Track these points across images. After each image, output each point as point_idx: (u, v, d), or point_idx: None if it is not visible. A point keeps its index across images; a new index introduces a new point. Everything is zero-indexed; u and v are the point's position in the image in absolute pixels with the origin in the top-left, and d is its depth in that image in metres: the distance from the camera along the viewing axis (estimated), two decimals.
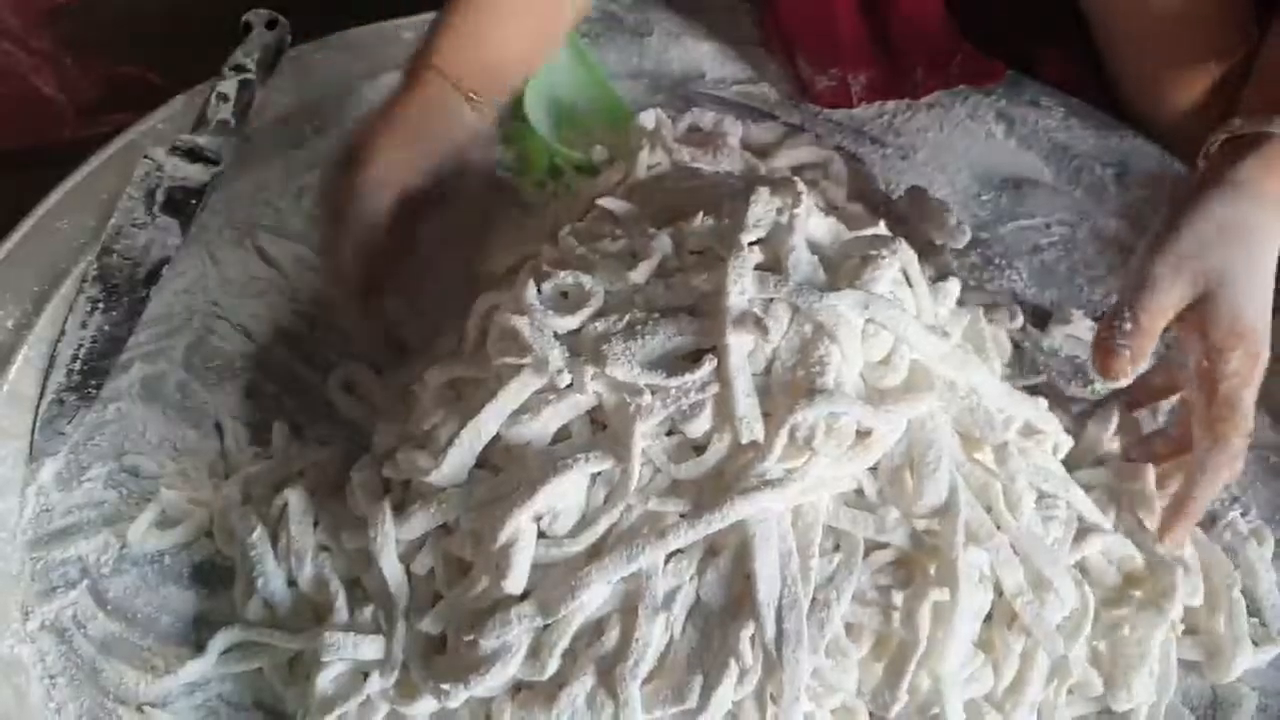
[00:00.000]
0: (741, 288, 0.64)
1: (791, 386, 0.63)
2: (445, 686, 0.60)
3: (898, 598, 0.63)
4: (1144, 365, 0.69)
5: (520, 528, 0.61)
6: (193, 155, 0.84)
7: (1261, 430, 0.77)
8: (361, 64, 0.90)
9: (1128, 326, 0.68)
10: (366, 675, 0.63)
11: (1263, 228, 0.71)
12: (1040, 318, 0.83)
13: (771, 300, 0.64)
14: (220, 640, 0.66)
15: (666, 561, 0.61)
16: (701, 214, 0.69)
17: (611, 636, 0.61)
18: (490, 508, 0.62)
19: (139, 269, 0.79)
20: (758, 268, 0.65)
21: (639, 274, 0.67)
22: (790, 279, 0.64)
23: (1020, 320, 0.81)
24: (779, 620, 0.60)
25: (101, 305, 0.78)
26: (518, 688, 0.62)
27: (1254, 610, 0.71)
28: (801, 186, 0.69)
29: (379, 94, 0.82)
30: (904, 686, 0.61)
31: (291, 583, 0.67)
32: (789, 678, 0.59)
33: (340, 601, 0.65)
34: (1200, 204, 0.72)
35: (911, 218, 0.86)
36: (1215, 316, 0.69)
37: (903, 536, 0.63)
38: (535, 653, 0.61)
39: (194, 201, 0.82)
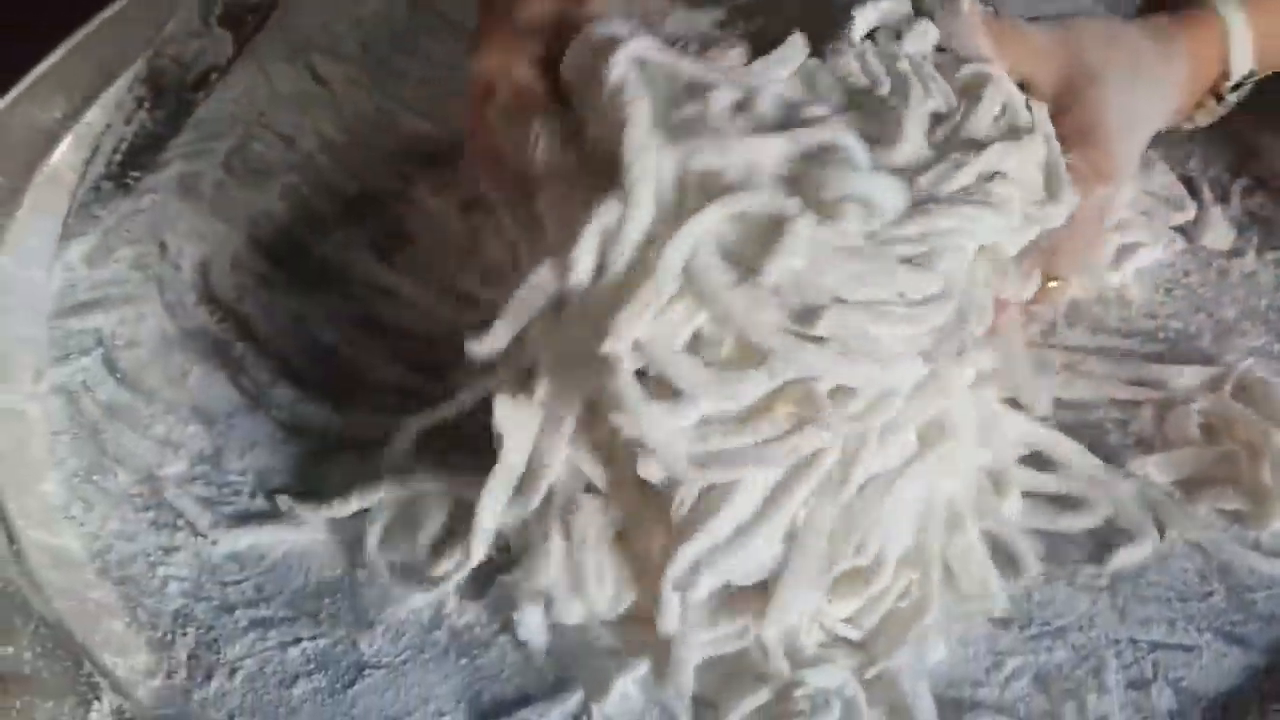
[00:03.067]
0: None
1: None
2: None
3: None
4: None
5: None
6: None
7: None
8: None
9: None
10: None
11: (1154, 60, 0.66)
12: None
13: None
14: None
15: None
16: None
17: None
18: None
19: (188, 73, 0.80)
20: None
21: None
22: None
23: None
24: None
25: (149, 104, 0.79)
26: None
27: None
28: None
29: None
30: None
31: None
32: None
33: None
34: (1097, 18, 0.67)
35: None
36: (1073, 107, 0.63)
37: None
38: None
39: (249, 17, 0.83)
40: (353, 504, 0.63)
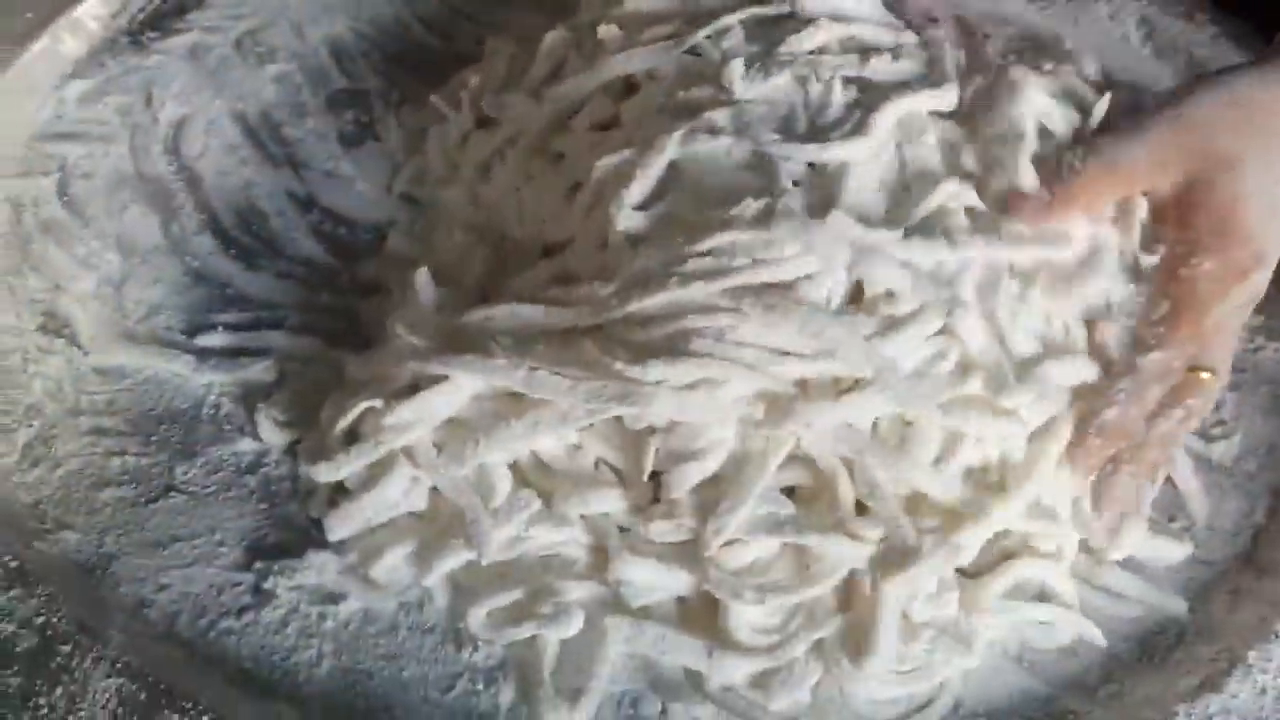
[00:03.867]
0: None
1: None
2: None
3: None
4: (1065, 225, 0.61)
5: None
6: None
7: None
8: None
9: (1073, 166, 0.60)
10: None
11: None
12: None
13: None
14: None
15: None
16: None
17: None
18: None
19: None
20: None
21: None
22: None
23: None
24: None
25: None
26: None
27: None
28: None
29: None
30: None
31: None
32: None
33: None
34: (1222, 76, 0.61)
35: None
36: (1205, 204, 0.59)
37: None
38: None
39: None
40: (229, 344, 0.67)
